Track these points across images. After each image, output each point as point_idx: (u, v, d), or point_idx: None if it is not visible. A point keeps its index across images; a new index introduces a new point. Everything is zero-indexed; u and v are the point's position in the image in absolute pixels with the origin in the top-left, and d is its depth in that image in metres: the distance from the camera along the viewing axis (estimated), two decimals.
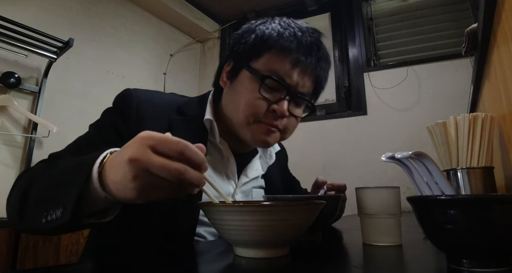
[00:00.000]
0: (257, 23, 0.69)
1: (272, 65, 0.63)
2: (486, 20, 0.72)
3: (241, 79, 0.65)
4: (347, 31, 2.33)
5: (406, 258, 0.43)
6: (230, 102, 0.68)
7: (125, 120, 0.63)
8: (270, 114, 0.63)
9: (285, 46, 0.62)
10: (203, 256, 0.48)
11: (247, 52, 0.65)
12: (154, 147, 0.35)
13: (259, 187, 0.79)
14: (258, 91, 0.62)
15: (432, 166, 0.48)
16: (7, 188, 0.53)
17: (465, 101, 1.42)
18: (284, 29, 0.64)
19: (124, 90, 0.67)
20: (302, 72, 0.64)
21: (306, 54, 0.64)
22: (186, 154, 0.35)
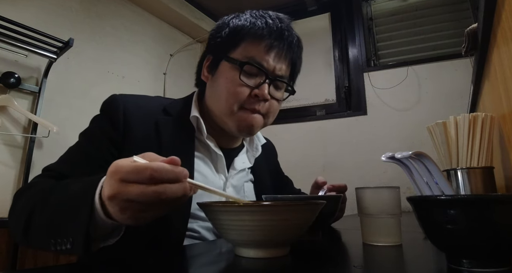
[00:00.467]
0: (229, 18, 0.72)
1: (248, 52, 0.66)
2: (486, 20, 0.72)
3: (221, 70, 0.68)
4: (347, 31, 2.33)
5: (406, 258, 0.43)
6: (213, 94, 0.70)
7: (114, 126, 0.64)
8: (252, 99, 0.66)
9: (258, 33, 0.66)
10: (203, 256, 0.48)
11: (224, 45, 0.69)
12: (125, 179, 0.35)
13: (249, 180, 0.82)
14: (238, 78, 0.65)
15: (432, 166, 0.48)
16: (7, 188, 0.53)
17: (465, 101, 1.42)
18: (256, 19, 0.69)
19: (110, 96, 0.69)
20: (277, 56, 0.68)
21: (278, 38, 0.68)
22: (156, 177, 0.35)
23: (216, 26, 0.74)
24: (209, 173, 0.71)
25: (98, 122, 0.67)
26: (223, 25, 0.71)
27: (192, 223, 0.64)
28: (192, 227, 0.64)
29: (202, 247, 0.55)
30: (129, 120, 0.64)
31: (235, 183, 0.75)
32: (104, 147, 0.62)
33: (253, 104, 0.67)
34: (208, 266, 0.41)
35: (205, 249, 0.53)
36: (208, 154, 0.72)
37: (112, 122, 0.64)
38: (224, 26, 0.70)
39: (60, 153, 0.63)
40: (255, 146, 0.82)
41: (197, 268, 0.41)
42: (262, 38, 0.67)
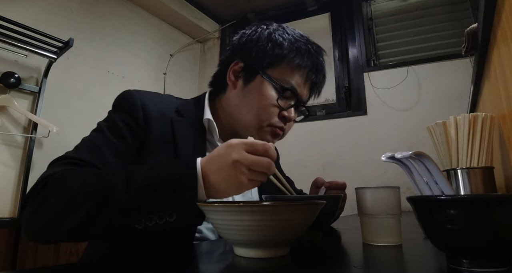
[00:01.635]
0: (271, 29, 0.73)
1: (288, 76, 0.70)
2: (486, 20, 0.72)
3: (258, 84, 0.69)
4: (347, 31, 2.33)
5: (406, 258, 0.43)
6: (241, 104, 0.71)
7: (135, 120, 0.64)
8: (279, 119, 0.71)
9: (302, 63, 0.70)
10: (203, 256, 0.48)
11: (263, 59, 0.70)
12: (248, 150, 0.46)
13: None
14: (276, 100, 0.69)
15: (432, 166, 0.48)
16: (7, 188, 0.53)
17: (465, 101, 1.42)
18: (300, 43, 0.71)
19: (125, 91, 0.68)
20: (309, 86, 0.74)
21: (317, 72, 0.73)
22: (269, 152, 0.47)
23: (254, 33, 0.74)
24: None
25: (117, 115, 0.65)
26: (261, 35, 0.72)
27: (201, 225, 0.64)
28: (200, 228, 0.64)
29: (202, 247, 0.55)
30: (147, 116, 0.65)
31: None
32: (129, 140, 0.62)
33: (280, 123, 0.71)
34: (208, 266, 0.41)
35: (205, 249, 0.53)
36: None
37: (132, 116, 0.64)
38: (264, 38, 0.71)
39: (60, 153, 0.59)
40: None
41: (197, 268, 0.41)
42: (304, 69, 0.71)
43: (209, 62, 2.70)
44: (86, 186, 0.46)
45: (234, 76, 0.73)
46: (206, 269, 0.40)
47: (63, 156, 0.57)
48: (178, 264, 0.42)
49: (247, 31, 0.75)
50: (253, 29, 0.75)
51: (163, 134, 0.65)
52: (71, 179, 0.48)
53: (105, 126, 0.63)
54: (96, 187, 0.46)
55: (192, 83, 2.61)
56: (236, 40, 0.76)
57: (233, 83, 0.72)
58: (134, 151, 0.62)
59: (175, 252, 0.51)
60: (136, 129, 0.63)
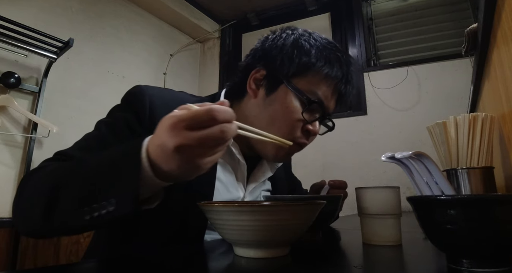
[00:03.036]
0: (297, 35, 0.66)
1: (314, 86, 0.63)
2: (486, 20, 0.72)
3: (281, 95, 0.63)
4: (347, 31, 2.33)
5: (406, 258, 0.43)
6: (262, 116, 0.65)
7: (139, 118, 0.60)
8: (302, 133, 0.64)
9: (331, 73, 0.63)
10: (203, 256, 0.48)
11: (289, 67, 0.63)
12: (189, 126, 0.36)
13: (266, 190, 0.79)
14: (301, 113, 0.62)
15: (432, 166, 0.48)
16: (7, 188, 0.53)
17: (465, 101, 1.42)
18: (328, 51, 0.65)
19: (135, 87, 0.64)
20: (336, 98, 0.68)
21: (346, 83, 0.67)
22: (220, 117, 0.37)
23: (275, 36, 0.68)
24: (229, 183, 0.67)
25: (122, 112, 0.62)
26: (286, 41, 0.65)
27: (207, 234, 0.62)
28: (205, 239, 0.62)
29: (202, 247, 0.55)
30: (154, 115, 0.60)
31: (253, 192, 0.72)
32: (126, 140, 0.57)
33: (303, 139, 0.65)
34: (208, 266, 0.41)
35: (205, 249, 0.53)
36: (230, 160, 0.68)
37: (137, 115, 0.60)
38: (289, 44, 0.65)
39: None
40: None
41: (197, 268, 0.41)
42: (333, 80, 0.64)
43: (209, 62, 2.70)
44: (45, 179, 0.46)
45: (255, 84, 0.66)
46: (206, 269, 0.40)
47: (57, 152, 0.57)
48: (178, 264, 0.42)
49: (270, 36, 0.69)
50: (277, 34, 0.68)
51: None
52: (37, 175, 0.49)
53: (105, 123, 0.61)
54: (50, 180, 0.45)
55: (192, 83, 2.61)
56: (259, 45, 0.70)
57: (253, 92, 0.66)
58: None
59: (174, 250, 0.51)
60: (137, 129, 0.59)
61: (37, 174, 0.50)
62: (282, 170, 0.84)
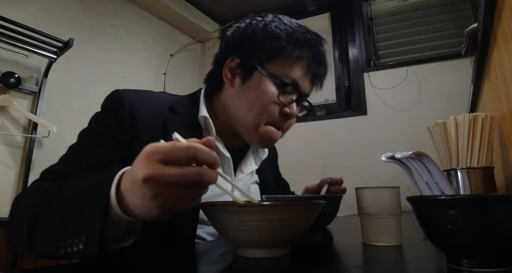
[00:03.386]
0: (266, 21, 0.68)
1: (287, 69, 0.65)
2: (486, 20, 0.72)
3: (256, 82, 0.65)
4: (347, 31, 2.33)
5: (406, 258, 0.43)
6: (241, 103, 0.66)
7: (120, 123, 0.60)
8: (281, 117, 0.66)
9: (302, 55, 0.65)
10: (203, 256, 0.48)
11: (261, 54, 0.65)
12: (165, 160, 0.33)
13: (255, 182, 0.80)
14: (277, 96, 0.64)
15: (432, 166, 0.48)
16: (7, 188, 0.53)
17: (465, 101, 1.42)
18: (298, 34, 0.66)
19: (113, 91, 0.64)
20: (311, 79, 0.69)
21: (318, 63, 0.68)
22: (199, 158, 0.34)
23: (245, 24, 0.69)
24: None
25: (102, 119, 0.62)
26: (256, 28, 0.67)
27: (199, 229, 0.62)
28: (198, 234, 0.62)
29: (202, 247, 0.55)
30: (135, 118, 0.61)
31: (241, 186, 0.73)
32: (110, 146, 0.58)
33: (282, 123, 0.67)
34: (208, 266, 0.41)
35: (205, 249, 0.53)
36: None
37: (118, 120, 0.60)
38: (259, 31, 0.66)
39: (60, 153, 0.60)
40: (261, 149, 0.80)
41: (197, 268, 0.41)
42: (304, 60, 0.66)
43: (209, 62, 2.68)
44: (28, 208, 0.46)
45: (231, 73, 0.68)
46: (206, 269, 0.40)
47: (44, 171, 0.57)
48: (178, 264, 0.42)
49: (241, 25, 0.70)
50: (247, 22, 0.70)
51: (154, 135, 0.59)
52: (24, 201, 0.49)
53: (86, 132, 0.62)
54: (32, 209, 0.45)
55: (192, 83, 2.61)
56: (230, 35, 0.71)
57: (230, 81, 0.68)
58: (115, 157, 0.58)
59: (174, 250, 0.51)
60: (120, 134, 0.59)
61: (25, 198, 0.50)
62: (268, 165, 0.86)
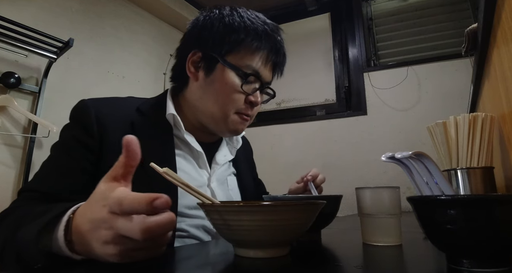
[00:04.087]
0: (223, 14, 0.69)
1: (247, 60, 0.67)
2: (486, 20, 0.72)
3: (219, 74, 0.67)
4: (347, 31, 2.33)
5: (406, 258, 0.43)
6: (206, 96, 0.69)
7: (88, 132, 0.61)
8: (246, 104, 0.69)
9: (260, 45, 0.68)
10: (203, 256, 0.47)
11: (220, 45, 0.67)
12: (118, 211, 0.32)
13: (232, 173, 0.82)
14: (240, 87, 0.67)
15: (432, 166, 0.48)
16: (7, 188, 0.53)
17: (465, 101, 1.42)
18: (255, 25, 0.68)
19: (79, 102, 0.66)
20: (270, 67, 0.72)
21: (276, 52, 0.71)
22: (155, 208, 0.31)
23: (204, 18, 0.70)
24: (191, 171, 0.70)
25: (70, 130, 0.64)
26: (215, 22, 0.68)
27: (180, 222, 0.63)
28: (180, 227, 0.62)
29: (201, 247, 0.55)
30: (103, 124, 0.62)
31: (219, 178, 0.75)
32: (80, 156, 0.59)
33: (247, 110, 0.70)
34: (208, 266, 0.41)
35: (204, 249, 0.53)
36: (188, 150, 0.71)
37: (86, 129, 0.61)
38: (218, 24, 0.68)
39: None
40: (235, 138, 0.82)
41: (196, 268, 0.41)
42: (263, 50, 0.69)
43: None
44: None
45: (194, 67, 0.70)
46: (206, 269, 0.40)
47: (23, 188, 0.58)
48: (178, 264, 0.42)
49: (199, 18, 0.72)
50: (204, 15, 0.71)
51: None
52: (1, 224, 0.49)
53: (58, 147, 0.63)
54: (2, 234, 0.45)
55: None
56: (190, 28, 0.73)
57: (194, 75, 0.70)
58: (87, 166, 0.59)
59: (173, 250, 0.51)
60: (89, 142, 0.60)
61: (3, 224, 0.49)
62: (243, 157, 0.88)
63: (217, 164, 0.75)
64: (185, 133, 0.69)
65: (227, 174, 0.79)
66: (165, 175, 0.40)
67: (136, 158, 0.36)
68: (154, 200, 0.30)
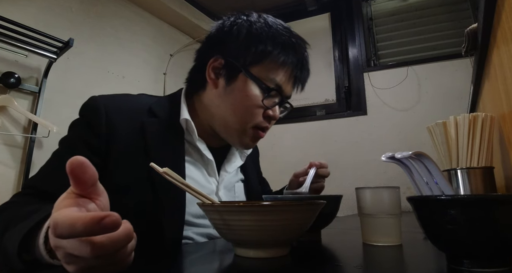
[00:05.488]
0: (251, 21, 0.67)
1: (271, 73, 0.65)
2: (486, 20, 0.72)
3: (241, 84, 0.65)
4: (347, 31, 2.33)
5: (406, 258, 0.43)
6: (224, 106, 0.66)
7: (95, 132, 0.59)
8: (264, 119, 0.67)
9: (287, 60, 0.65)
10: (203, 256, 0.47)
11: (246, 56, 0.64)
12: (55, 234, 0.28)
13: (240, 180, 0.80)
14: (261, 101, 0.64)
15: (432, 166, 0.48)
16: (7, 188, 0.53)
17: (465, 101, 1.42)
18: (284, 38, 0.66)
19: (89, 99, 0.64)
20: (294, 83, 0.70)
21: (302, 68, 0.69)
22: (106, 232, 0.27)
23: (230, 23, 0.68)
24: (200, 178, 0.68)
25: (77, 128, 0.63)
26: (241, 29, 0.66)
27: (187, 230, 0.62)
28: (187, 234, 0.62)
29: (201, 247, 0.55)
30: (112, 124, 0.60)
31: (226, 185, 0.74)
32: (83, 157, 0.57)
33: (264, 124, 0.68)
34: (208, 266, 0.41)
35: (205, 249, 0.53)
36: (199, 157, 0.70)
37: (93, 128, 0.60)
38: (244, 32, 0.65)
39: None
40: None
41: (196, 268, 0.41)
42: (289, 66, 0.66)
43: None
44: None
45: (214, 73, 0.67)
46: (206, 269, 0.40)
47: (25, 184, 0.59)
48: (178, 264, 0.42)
49: (225, 23, 0.69)
50: (231, 20, 0.69)
51: (132, 142, 0.60)
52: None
53: (63, 141, 0.62)
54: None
55: None
56: (214, 32, 0.71)
57: (213, 82, 0.67)
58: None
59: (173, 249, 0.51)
60: (95, 145, 0.59)
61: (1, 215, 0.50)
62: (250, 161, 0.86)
63: (226, 172, 0.73)
64: (197, 140, 0.67)
65: (235, 181, 0.78)
66: (164, 175, 0.41)
67: (84, 184, 0.32)
68: (102, 218, 0.26)
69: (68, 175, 0.31)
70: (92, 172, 0.32)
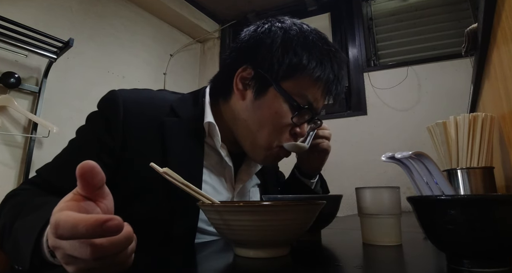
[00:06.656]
0: (285, 28, 0.62)
1: (304, 89, 0.61)
2: (486, 20, 0.72)
3: (270, 99, 0.60)
4: (347, 31, 2.33)
5: (406, 258, 0.43)
6: (251, 120, 0.62)
7: (110, 129, 0.57)
8: (290, 136, 0.63)
9: (322, 76, 0.61)
10: (203, 256, 0.48)
11: (278, 69, 0.60)
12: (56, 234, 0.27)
13: (256, 185, 0.78)
14: (291, 119, 0.61)
15: (432, 166, 0.48)
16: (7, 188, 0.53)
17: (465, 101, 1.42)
18: (319, 49, 0.61)
19: (109, 92, 0.61)
20: (326, 99, 0.66)
21: (337, 84, 0.64)
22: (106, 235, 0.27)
23: (263, 30, 0.63)
24: (217, 184, 0.65)
25: (94, 124, 0.60)
26: (275, 38, 0.61)
27: (200, 239, 0.61)
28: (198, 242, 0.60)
29: (201, 247, 0.55)
30: (129, 122, 0.58)
31: (241, 190, 0.71)
32: (93, 155, 0.54)
33: (291, 141, 0.64)
34: (208, 266, 0.41)
35: (204, 249, 0.53)
36: (217, 162, 0.67)
37: (109, 126, 0.57)
38: (278, 42, 0.60)
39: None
40: None
41: (196, 268, 0.41)
42: (323, 83, 0.62)
43: (209, 62, 2.70)
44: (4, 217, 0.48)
45: (242, 83, 0.63)
46: (206, 269, 0.40)
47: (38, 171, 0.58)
48: (178, 264, 0.42)
49: (258, 29, 0.64)
50: (265, 27, 0.63)
51: (150, 141, 0.58)
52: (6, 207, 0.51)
53: (80, 135, 0.61)
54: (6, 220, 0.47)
55: (192, 83, 2.61)
56: (245, 38, 0.65)
57: (241, 93, 0.63)
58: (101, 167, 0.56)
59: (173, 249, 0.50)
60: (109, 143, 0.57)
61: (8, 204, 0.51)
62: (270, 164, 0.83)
63: (243, 180, 0.71)
64: (219, 146, 0.64)
65: (251, 186, 0.75)
66: (165, 175, 0.41)
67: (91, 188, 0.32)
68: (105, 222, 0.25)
69: (77, 178, 0.31)
70: (101, 177, 0.31)
